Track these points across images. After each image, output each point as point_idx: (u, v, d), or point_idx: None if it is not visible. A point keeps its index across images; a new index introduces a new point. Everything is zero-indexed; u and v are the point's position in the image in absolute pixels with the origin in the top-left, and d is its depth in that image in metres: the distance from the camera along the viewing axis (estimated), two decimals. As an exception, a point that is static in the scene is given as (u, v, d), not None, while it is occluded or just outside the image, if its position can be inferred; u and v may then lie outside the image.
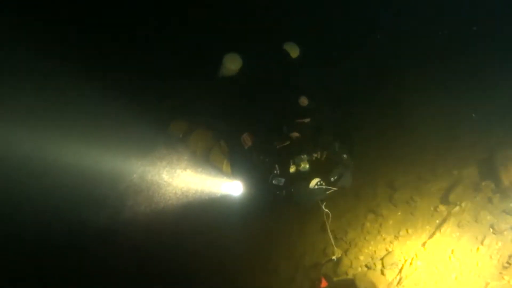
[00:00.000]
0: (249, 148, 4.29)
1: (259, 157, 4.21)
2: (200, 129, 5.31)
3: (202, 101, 5.55)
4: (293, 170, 4.21)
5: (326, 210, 4.35)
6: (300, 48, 4.78)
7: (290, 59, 4.71)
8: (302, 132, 4.23)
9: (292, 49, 4.73)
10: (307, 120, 4.24)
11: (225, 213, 6.01)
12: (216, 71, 4.71)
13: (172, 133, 5.51)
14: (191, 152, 5.32)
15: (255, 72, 4.61)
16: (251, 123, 4.41)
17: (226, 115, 4.88)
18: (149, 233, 6.96)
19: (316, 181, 4.05)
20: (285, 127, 4.26)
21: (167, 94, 6.93)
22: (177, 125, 5.52)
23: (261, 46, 4.93)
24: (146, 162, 6.10)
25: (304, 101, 4.19)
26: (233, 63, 4.58)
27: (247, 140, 4.33)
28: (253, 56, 4.68)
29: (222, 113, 4.96)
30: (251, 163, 4.26)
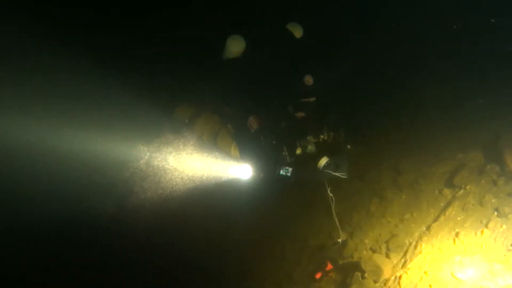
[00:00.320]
0: (255, 131, 4.28)
1: (266, 139, 4.19)
2: (206, 113, 5.27)
3: (206, 85, 5.53)
4: (299, 152, 4.22)
5: (330, 194, 4.39)
6: (304, 28, 4.73)
7: (294, 40, 4.66)
8: (307, 112, 4.23)
9: (295, 29, 4.68)
10: (312, 100, 4.25)
11: (233, 197, 6.04)
12: (220, 54, 4.68)
13: (178, 118, 5.47)
14: (198, 137, 5.29)
15: (259, 54, 4.58)
16: (256, 105, 4.40)
17: (231, 98, 4.86)
18: (156, 219, 7.02)
19: (325, 160, 4.04)
20: (291, 106, 4.26)
21: (172, 79, 6.91)
22: (183, 110, 5.47)
23: (264, 27, 4.90)
24: (152, 148, 6.12)
25: (309, 80, 4.18)
26: (236, 46, 4.55)
27: (253, 123, 4.31)
28: (256, 37, 4.64)
29: (227, 96, 4.93)
30: (259, 146, 4.25)
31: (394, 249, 5.00)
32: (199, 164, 5.56)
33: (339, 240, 5.19)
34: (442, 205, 5.05)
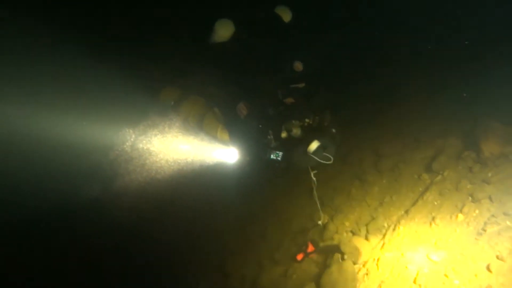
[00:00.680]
0: (244, 117, 4.31)
1: (255, 124, 4.22)
2: (192, 96, 5.26)
3: (193, 68, 5.50)
4: (284, 136, 4.27)
5: (314, 178, 4.48)
6: (292, 12, 4.69)
7: (283, 24, 4.62)
8: (296, 98, 4.26)
9: (284, 13, 4.64)
10: (301, 85, 4.26)
11: (218, 180, 6.08)
12: (207, 38, 4.59)
13: (164, 101, 5.45)
14: (183, 120, 5.29)
15: (247, 38, 4.52)
16: (244, 90, 4.40)
17: (219, 82, 4.86)
18: (141, 201, 7.05)
19: (316, 145, 4.10)
20: (280, 92, 4.29)
21: (158, 61, 6.85)
22: (168, 92, 5.45)
23: (253, 11, 4.81)
24: (138, 130, 6.10)
25: (298, 66, 4.18)
26: (225, 29, 4.47)
27: (242, 109, 4.33)
28: (245, 21, 4.57)
29: (215, 80, 4.94)
30: (248, 132, 4.28)
31: (374, 232, 5.15)
32: (184, 147, 5.57)
33: (319, 223, 5.31)
34: (420, 189, 5.18)
